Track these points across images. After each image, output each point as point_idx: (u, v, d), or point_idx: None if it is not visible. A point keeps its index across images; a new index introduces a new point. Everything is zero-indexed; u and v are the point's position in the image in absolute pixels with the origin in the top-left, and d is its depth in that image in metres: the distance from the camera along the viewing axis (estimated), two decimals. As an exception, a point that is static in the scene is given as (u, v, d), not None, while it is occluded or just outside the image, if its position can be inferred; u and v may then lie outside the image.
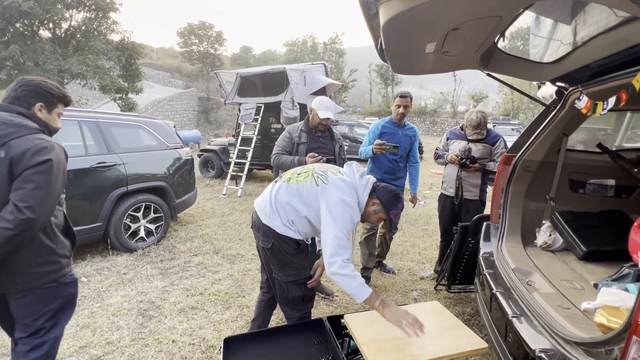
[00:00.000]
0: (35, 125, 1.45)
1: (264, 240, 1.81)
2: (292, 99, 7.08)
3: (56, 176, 1.41)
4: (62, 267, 1.53)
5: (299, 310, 1.91)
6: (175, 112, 24.21)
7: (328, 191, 1.67)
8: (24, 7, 11.28)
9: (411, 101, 2.99)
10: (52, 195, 1.40)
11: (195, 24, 32.20)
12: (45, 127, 1.51)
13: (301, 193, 1.74)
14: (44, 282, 1.47)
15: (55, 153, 1.41)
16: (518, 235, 2.26)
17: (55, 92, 1.55)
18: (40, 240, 1.44)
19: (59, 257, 1.51)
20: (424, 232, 4.89)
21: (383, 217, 1.81)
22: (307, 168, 1.88)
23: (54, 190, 1.41)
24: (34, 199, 1.33)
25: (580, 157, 2.37)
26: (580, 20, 1.65)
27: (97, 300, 2.79)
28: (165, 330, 2.42)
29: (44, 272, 1.46)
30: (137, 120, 4.24)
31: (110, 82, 14.51)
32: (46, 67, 12.18)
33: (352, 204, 1.67)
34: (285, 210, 1.76)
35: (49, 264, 1.47)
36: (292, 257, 1.81)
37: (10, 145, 1.34)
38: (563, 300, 1.52)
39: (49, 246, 1.47)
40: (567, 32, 1.76)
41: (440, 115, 32.45)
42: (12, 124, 1.38)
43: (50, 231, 1.48)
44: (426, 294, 3.11)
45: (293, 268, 1.82)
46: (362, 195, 1.73)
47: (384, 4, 1.19)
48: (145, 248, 3.84)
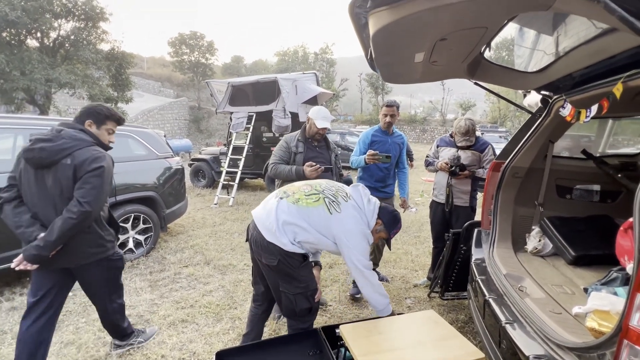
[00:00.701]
0: (91, 139, 1.91)
1: (269, 257, 1.77)
2: (283, 108, 7.11)
3: (106, 179, 1.87)
4: (109, 249, 2.02)
5: (305, 322, 1.90)
6: (165, 122, 24.02)
7: (341, 221, 1.77)
8: (11, 16, 11.14)
9: (398, 110, 3.02)
10: (103, 194, 1.86)
11: (187, 33, 32.25)
12: (97, 140, 1.96)
13: (311, 217, 1.76)
14: (97, 260, 1.96)
15: (106, 162, 1.87)
16: (509, 241, 2.28)
17: (103, 111, 1.99)
18: (93, 229, 1.92)
19: (106, 242, 2.00)
20: (416, 240, 4.90)
21: (384, 236, 1.96)
22: (317, 189, 1.87)
23: (104, 190, 1.87)
24: (91, 196, 1.78)
25: (566, 163, 2.42)
26: (561, 31, 1.71)
27: (83, 315, 2.70)
28: (154, 345, 2.35)
29: (95, 252, 1.95)
30: (126, 129, 4.18)
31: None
32: (33, 76, 11.98)
33: (366, 231, 1.82)
34: (294, 231, 1.75)
35: (99, 247, 1.96)
36: (299, 271, 1.80)
37: (75, 155, 1.79)
38: (554, 305, 1.53)
39: (99, 233, 1.95)
40: (549, 42, 1.82)
41: (430, 124, 32.96)
42: (75, 138, 1.84)
43: (100, 222, 1.97)
44: (420, 301, 3.10)
45: (301, 281, 1.81)
46: (372, 219, 1.87)
47: (373, 15, 1.22)
48: (133, 260, 3.74)
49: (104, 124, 1.99)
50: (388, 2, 1.09)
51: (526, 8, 1.13)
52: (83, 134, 1.89)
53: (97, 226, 1.94)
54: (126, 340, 2.29)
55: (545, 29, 1.85)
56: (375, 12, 1.17)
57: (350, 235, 1.77)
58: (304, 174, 2.52)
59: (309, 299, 1.84)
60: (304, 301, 1.82)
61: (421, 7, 1.05)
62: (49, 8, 12.56)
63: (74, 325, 2.55)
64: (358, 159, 2.97)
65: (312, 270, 1.89)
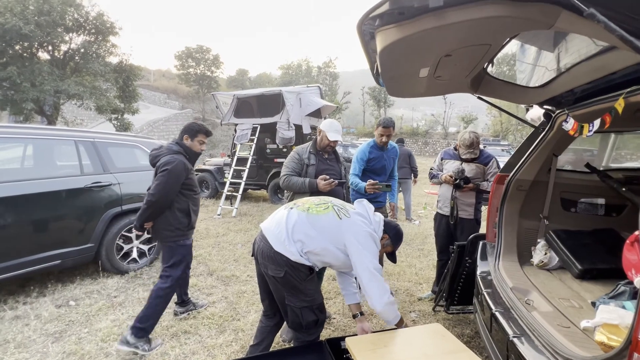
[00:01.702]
0: (177, 149, 2.52)
1: (276, 269, 1.76)
2: (287, 120, 7.21)
3: (170, 179, 2.40)
4: (177, 235, 2.52)
5: (311, 335, 1.89)
6: (170, 132, 24.28)
7: (353, 225, 1.80)
8: (25, 30, 11.46)
9: (393, 129, 3.06)
10: (166, 189, 2.39)
11: (193, 47, 32.97)
12: (187, 150, 2.55)
13: (321, 224, 1.79)
14: (168, 241, 2.52)
15: (174, 166, 2.40)
16: (514, 253, 2.28)
17: (195, 127, 2.59)
18: (166, 215, 2.48)
19: (175, 229, 2.51)
20: (420, 252, 4.87)
21: (389, 250, 2.01)
22: (325, 200, 1.94)
23: (168, 187, 2.39)
24: (156, 189, 2.38)
25: (570, 176, 2.43)
26: (563, 47, 1.76)
27: (86, 325, 2.69)
28: (157, 356, 2.33)
29: (168, 235, 2.51)
30: (133, 140, 4.25)
31: (107, 103, 14.58)
32: (43, 87, 12.23)
33: (375, 235, 1.85)
34: (302, 240, 1.76)
35: (170, 231, 2.50)
36: (305, 284, 1.79)
37: (160, 159, 2.45)
38: (562, 319, 1.52)
39: (170, 221, 2.49)
40: (551, 58, 1.87)
41: (432, 136, 33.13)
42: (167, 148, 2.53)
43: (172, 211, 2.50)
44: (425, 315, 3.06)
45: (307, 294, 1.81)
46: (379, 231, 1.90)
47: (380, 32, 1.26)
48: (137, 270, 3.75)
49: (196, 136, 2.57)
50: (395, 20, 1.14)
51: (528, 27, 1.17)
52: (176, 146, 2.54)
53: (170, 214, 2.49)
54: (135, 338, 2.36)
55: (547, 45, 1.90)
56: (383, 29, 1.22)
57: (361, 237, 1.78)
58: (317, 187, 2.55)
59: (315, 312, 1.82)
60: (310, 314, 1.81)
61: (427, 26, 1.09)
62: (61, 22, 12.93)
63: (77, 335, 2.54)
64: (358, 186, 3.00)
65: (318, 283, 1.89)
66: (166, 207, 2.45)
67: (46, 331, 2.58)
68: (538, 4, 1.00)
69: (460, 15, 1.03)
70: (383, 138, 3.03)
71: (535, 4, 1.00)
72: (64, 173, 3.41)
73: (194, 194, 2.62)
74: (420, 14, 1.06)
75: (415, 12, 1.06)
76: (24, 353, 2.31)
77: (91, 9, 14.11)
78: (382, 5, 1.09)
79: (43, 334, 2.54)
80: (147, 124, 22.13)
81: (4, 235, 2.85)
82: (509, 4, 1.00)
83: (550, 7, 1.02)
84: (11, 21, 11.20)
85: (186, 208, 2.55)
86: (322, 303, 1.88)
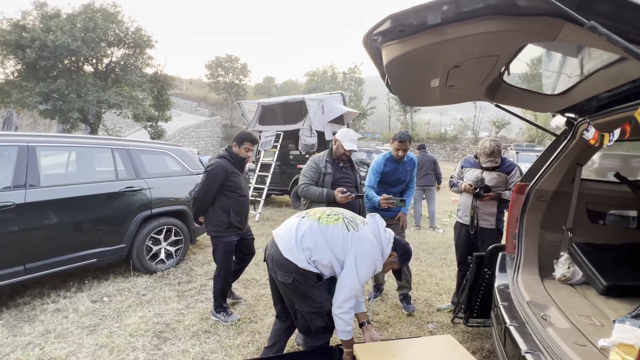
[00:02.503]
0: (223, 154, 2.87)
1: (284, 275, 1.81)
2: (310, 127, 7.33)
3: (208, 179, 2.74)
4: (217, 231, 2.82)
5: (321, 340, 1.92)
6: (200, 139, 25.37)
7: (358, 241, 1.80)
8: (73, 46, 12.56)
9: (410, 143, 3.03)
10: (204, 188, 2.75)
11: (223, 57, 34.34)
12: (233, 155, 2.86)
13: (329, 234, 1.81)
14: (211, 234, 2.88)
15: (212, 168, 2.74)
16: (535, 266, 2.19)
17: (242, 135, 2.88)
18: (209, 212, 2.84)
19: (216, 224, 2.81)
20: (442, 262, 4.75)
21: (397, 267, 2.01)
22: (337, 211, 1.96)
23: (206, 186, 2.75)
24: (198, 188, 2.84)
25: (597, 187, 2.31)
26: (583, 54, 1.70)
27: (117, 320, 2.89)
28: (178, 353, 2.46)
29: (210, 229, 2.85)
30: (164, 147, 4.52)
31: (143, 111, 15.55)
32: (87, 98, 13.30)
33: (378, 257, 1.84)
34: (310, 248, 1.80)
35: (212, 225, 2.83)
36: (313, 290, 1.83)
37: (209, 163, 2.81)
38: (579, 337, 1.46)
39: (213, 217, 2.82)
40: (571, 65, 1.81)
41: (461, 142, 32.12)
42: (217, 154, 2.90)
43: (214, 209, 2.81)
44: (443, 326, 3.00)
45: (315, 301, 1.84)
46: (387, 248, 1.90)
47: (385, 47, 1.31)
48: (164, 270, 3.96)
49: (242, 144, 2.85)
50: (397, 36, 1.18)
51: (532, 40, 1.17)
52: (224, 152, 2.90)
53: (213, 211, 2.80)
54: (216, 313, 2.91)
55: (567, 51, 1.84)
56: (387, 45, 1.26)
57: (361, 256, 1.77)
58: (333, 198, 2.61)
59: (323, 318, 1.86)
60: (319, 320, 1.85)
61: (428, 42, 1.12)
62: (104, 38, 14.02)
63: (108, 329, 2.74)
64: (372, 199, 3.02)
65: (327, 291, 1.91)
66: (207, 204, 2.79)
67: (82, 324, 2.80)
68: (539, 17, 1.01)
69: (459, 31, 1.05)
70: (399, 152, 3.01)
71: (536, 18, 1.00)
72: (101, 178, 3.70)
73: (237, 195, 2.83)
74: (420, 31, 1.10)
75: (415, 29, 1.10)
76: (62, 343, 2.53)
77: (130, 24, 15.19)
78: (383, 23, 1.14)
79: (79, 327, 2.76)
80: (178, 131, 23.26)
81: (51, 234, 3.15)
82: (508, 18, 1.01)
83: (552, 20, 1.01)
84: (61, 38, 12.31)
85: (227, 207, 2.80)
86: (330, 310, 1.90)
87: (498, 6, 0.97)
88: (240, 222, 2.89)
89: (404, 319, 3.07)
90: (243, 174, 2.98)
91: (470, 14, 1.00)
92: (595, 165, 3.31)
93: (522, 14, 1.01)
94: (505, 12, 1.00)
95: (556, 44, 1.76)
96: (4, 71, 13.30)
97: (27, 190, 3.00)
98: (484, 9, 0.98)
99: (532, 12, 0.99)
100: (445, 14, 1.01)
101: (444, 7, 1.00)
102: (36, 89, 12.60)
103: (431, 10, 1.01)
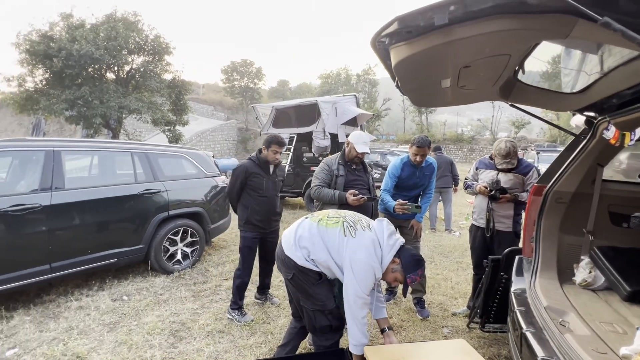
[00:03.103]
0: (252, 156, 3.07)
1: (286, 271, 1.89)
2: (323, 129, 7.36)
3: (232, 179, 2.99)
4: (240, 225, 3.05)
5: (328, 340, 1.93)
6: (216, 142, 25.87)
7: (352, 249, 1.76)
8: (96, 54, 13.10)
9: (429, 148, 2.96)
10: (229, 186, 3.02)
11: (238, 61, 34.97)
12: (260, 158, 3.01)
13: (327, 236, 1.83)
14: (240, 228, 3.06)
15: (236, 168, 3.00)
16: (554, 271, 2.12)
17: (270, 138, 2.98)
18: (238, 206, 3.06)
19: (239, 219, 3.05)
20: (457, 265, 4.65)
21: (400, 278, 1.83)
22: (340, 214, 1.95)
23: (230, 184, 3.01)
24: (227, 185, 3.19)
25: (621, 188, 2.21)
26: (604, 50, 1.64)
27: (135, 318, 2.98)
28: (193, 351, 2.51)
29: (239, 224, 3.07)
30: (180, 151, 4.65)
31: (161, 116, 16.01)
32: (109, 104, 13.82)
33: (374, 264, 1.75)
34: (307, 247, 1.84)
35: (240, 220, 3.04)
36: (314, 288, 1.85)
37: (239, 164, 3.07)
38: (599, 344, 1.40)
39: (238, 211, 3.06)
40: (589, 62, 1.75)
41: (479, 143, 31.37)
42: (248, 157, 3.09)
43: (240, 204, 3.02)
44: (458, 331, 2.94)
45: (317, 299, 1.86)
46: (388, 254, 1.79)
47: (393, 49, 1.31)
48: (180, 271, 4.06)
49: (269, 147, 2.95)
50: (405, 38, 1.18)
51: (543, 38, 1.14)
52: (254, 155, 3.07)
53: (240, 206, 3.02)
54: (231, 310, 3.01)
55: (585, 48, 1.78)
56: (395, 46, 1.26)
57: (356, 264, 1.74)
58: (345, 200, 2.62)
59: (327, 317, 1.87)
60: (323, 318, 1.86)
61: (436, 42, 1.12)
62: (125, 46, 14.54)
63: (127, 327, 2.83)
64: (388, 204, 2.98)
65: (331, 289, 1.91)
66: (233, 199, 3.04)
67: (103, 321, 2.91)
68: (550, 15, 0.98)
69: (467, 31, 1.04)
70: (417, 157, 2.95)
71: (547, 16, 0.98)
72: (122, 181, 3.84)
73: (257, 195, 2.96)
74: (428, 32, 1.10)
75: (422, 30, 1.10)
76: (84, 339, 2.63)
77: (150, 32, 15.70)
78: (390, 25, 1.14)
79: (100, 324, 2.87)
80: (195, 135, 23.80)
81: (75, 234, 3.29)
82: (517, 17, 0.99)
83: (564, 17, 0.99)
84: (85, 47, 12.85)
85: (248, 205, 2.97)
86: (337, 310, 1.90)
87: (506, 5, 0.96)
88: (260, 222, 2.98)
89: (418, 323, 3.03)
90: (270, 175, 3.04)
91: (477, 13, 0.99)
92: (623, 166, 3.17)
93: (532, 12, 0.99)
94: (514, 10, 0.98)
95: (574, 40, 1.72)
96: (33, 80, 14.00)
97: (52, 192, 3.15)
98: (492, 8, 0.97)
99: (543, 10, 0.97)
100: (452, 14, 1.01)
101: (450, 8, 0.99)
102: (62, 96, 13.20)
103: (438, 11, 1.01)
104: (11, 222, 2.87)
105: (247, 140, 29.27)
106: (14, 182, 3.26)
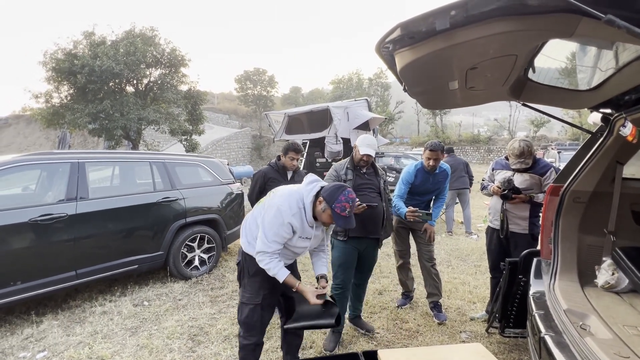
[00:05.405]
0: (271, 162, 3.26)
1: (238, 257, 2.05)
2: (335, 134, 7.40)
3: (252, 183, 3.20)
4: None
5: (243, 338, 2.00)
6: (231, 150, 26.35)
7: (268, 202, 1.89)
8: (116, 69, 13.71)
9: (442, 152, 2.99)
10: (250, 190, 3.23)
11: (251, 70, 35.64)
12: (278, 164, 3.19)
13: (255, 211, 1.99)
14: None
15: (255, 173, 3.21)
16: (574, 273, 2.06)
17: (286, 145, 3.14)
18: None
19: None
20: (476, 269, 4.55)
21: (328, 217, 1.79)
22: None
23: (250, 188, 3.21)
24: (248, 187, 3.33)
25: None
26: (618, 44, 1.61)
27: (155, 323, 3.07)
28: (211, 355, 2.57)
29: None
30: (196, 160, 4.79)
31: (178, 126, 16.50)
32: (129, 116, 14.38)
33: (284, 209, 1.75)
34: (245, 228, 2.00)
35: None
36: (248, 279, 1.96)
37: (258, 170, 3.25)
38: (622, 348, 1.35)
39: None
40: (604, 57, 1.71)
41: (496, 143, 30.63)
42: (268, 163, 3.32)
43: None
44: (476, 336, 2.87)
45: (247, 290, 1.97)
46: (307, 197, 1.81)
47: (397, 54, 1.33)
48: (198, 276, 4.15)
49: (287, 153, 3.11)
50: (408, 43, 1.20)
51: (547, 37, 1.14)
52: (273, 161, 3.26)
53: None
54: None
55: (600, 44, 1.75)
56: (399, 52, 1.28)
57: (267, 212, 1.82)
58: None
59: (248, 314, 1.93)
60: (246, 312, 1.94)
61: (439, 46, 1.13)
62: (143, 60, 15.12)
63: (148, 331, 2.92)
64: (400, 210, 3.01)
65: (263, 287, 1.92)
66: (252, 202, 3.09)
67: (125, 326, 3.01)
68: (553, 15, 0.98)
69: (469, 34, 1.05)
70: (430, 162, 2.97)
71: (550, 15, 0.98)
72: (141, 190, 3.99)
73: None
74: (430, 37, 1.11)
75: (425, 35, 1.12)
76: (108, 343, 2.74)
77: (166, 45, 16.27)
78: (393, 32, 1.17)
79: (123, 328, 2.97)
80: (211, 143, 24.34)
81: (99, 242, 3.44)
82: (519, 18, 1.00)
83: (568, 17, 0.99)
84: (106, 63, 13.46)
85: None
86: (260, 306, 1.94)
87: (507, 7, 0.96)
88: None
89: (435, 328, 2.98)
90: (287, 181, 3.17)
91: (479, 16, 1.01)
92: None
93: (534, 13, 0.99)
94: (516, 12, 0.99)
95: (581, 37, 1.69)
96: (59, 95, 14.74)
97: (77, 202, 3.30)
98: (493, 11, 0.98)
99: (545, 10, 0.98)
100: (453, 18, 1.02)
101: (451, 12, 1.01)
102: (86, 110, 13.84)
103: (439, 16, 1.03)
104: (40, 231, 3.03)
105: (261, 148, 29.67)
106: (43, 193, 3.45)
